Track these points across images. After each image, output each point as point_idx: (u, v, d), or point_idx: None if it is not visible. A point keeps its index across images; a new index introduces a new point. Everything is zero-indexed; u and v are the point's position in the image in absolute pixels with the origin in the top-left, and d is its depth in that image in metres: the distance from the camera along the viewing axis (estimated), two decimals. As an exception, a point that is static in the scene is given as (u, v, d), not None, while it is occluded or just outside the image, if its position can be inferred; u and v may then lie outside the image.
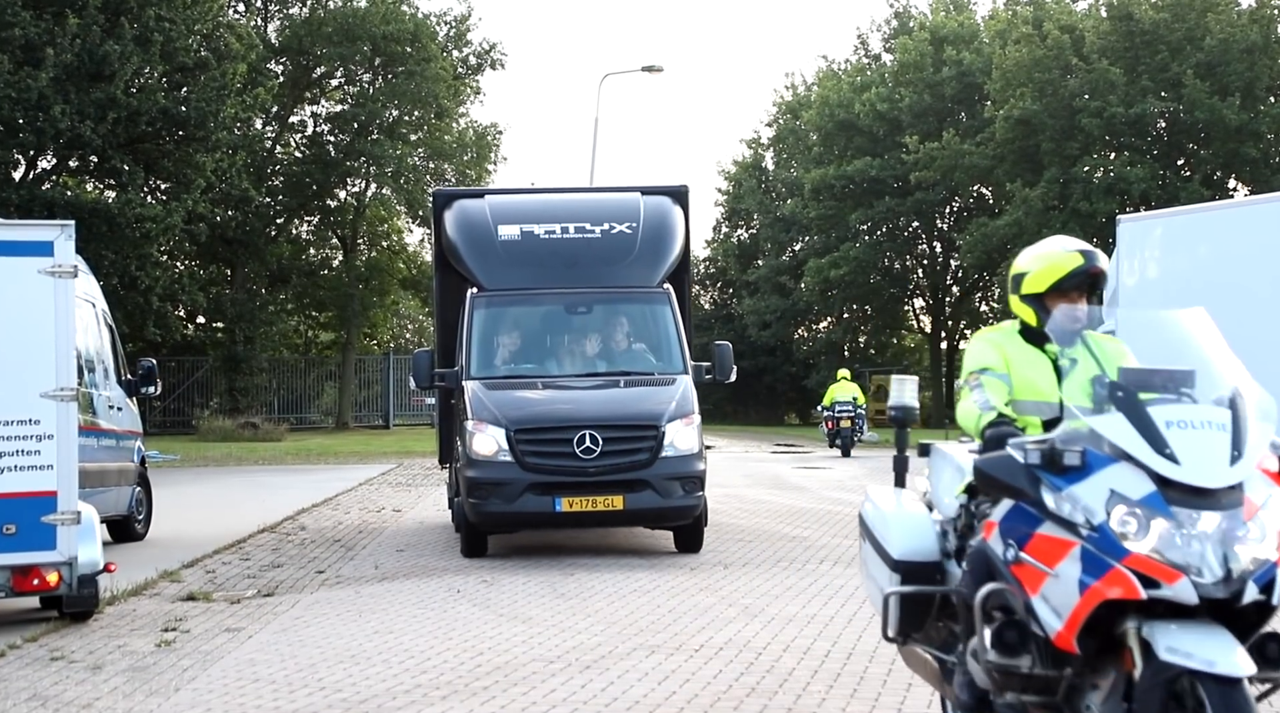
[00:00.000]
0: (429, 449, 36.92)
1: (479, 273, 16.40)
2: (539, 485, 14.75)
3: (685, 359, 15.96)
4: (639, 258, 16.45)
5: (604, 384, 15.62)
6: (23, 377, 11.41)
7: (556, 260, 16.37)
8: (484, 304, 16.17)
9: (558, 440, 14.78)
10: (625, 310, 16.43)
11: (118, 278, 36.12)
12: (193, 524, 19.59)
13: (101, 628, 11.72)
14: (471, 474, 14.92)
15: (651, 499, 14.82)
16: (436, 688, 9.17)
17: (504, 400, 15.16)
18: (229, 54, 40.13)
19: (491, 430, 14.86)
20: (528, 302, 16.43)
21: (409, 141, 50.22)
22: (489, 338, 16.01)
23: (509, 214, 16.87)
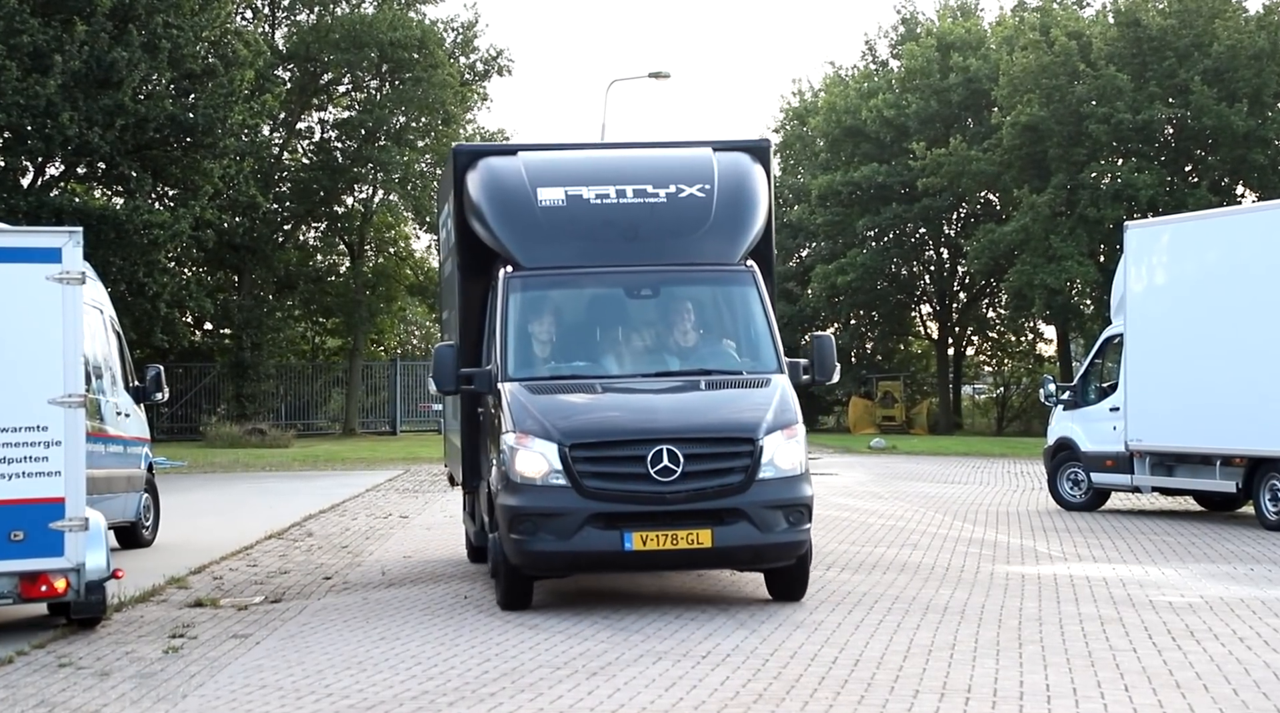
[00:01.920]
0: (436, 455, 36.93)
1: (514, 247, 13.23)
2: (603, 517, 11.75)
3: (780, 355, 12.93)
4: (715, 228, 13.28)
5: (679, 386, 12.60)
6: (31, 383, 11.43)
7: (612, 231, 13.19)
8: (522, 286, 13.03)
9: (627, 459, 11.81)
10: (700, 294, 13.42)
11: (125, 284, 36.16)
12: (200, 531, 19.60)
13: (109, 635, 11.73)
14: (513, 502, 11.87)
15: (747, 534, 11.86)
16: (443, 694, 9.17)
17: (554, 407, 12.14)
18: (236, 61, 40.17)
19: (539, 446, 11.85)
20: (577, 282, 13.30)
21: (416, 148, 50.24)
22: (530, 329, 12.92)
23: (550, 174, 13.60)
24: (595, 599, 12.89)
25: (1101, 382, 21.76)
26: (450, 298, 15.32)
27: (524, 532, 11.85)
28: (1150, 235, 20.77)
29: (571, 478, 11.80)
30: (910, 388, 56.10)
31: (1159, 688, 9.08)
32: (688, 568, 12.75)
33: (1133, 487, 20.67)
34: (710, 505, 11.83)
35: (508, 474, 12.01)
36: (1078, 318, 47.64)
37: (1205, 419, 19.11)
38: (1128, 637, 10.82)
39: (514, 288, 13.02)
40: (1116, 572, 14.60)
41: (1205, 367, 19.07)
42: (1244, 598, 12.65)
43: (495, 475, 12.36)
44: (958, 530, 18.70)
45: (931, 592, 13.01)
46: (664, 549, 11.79)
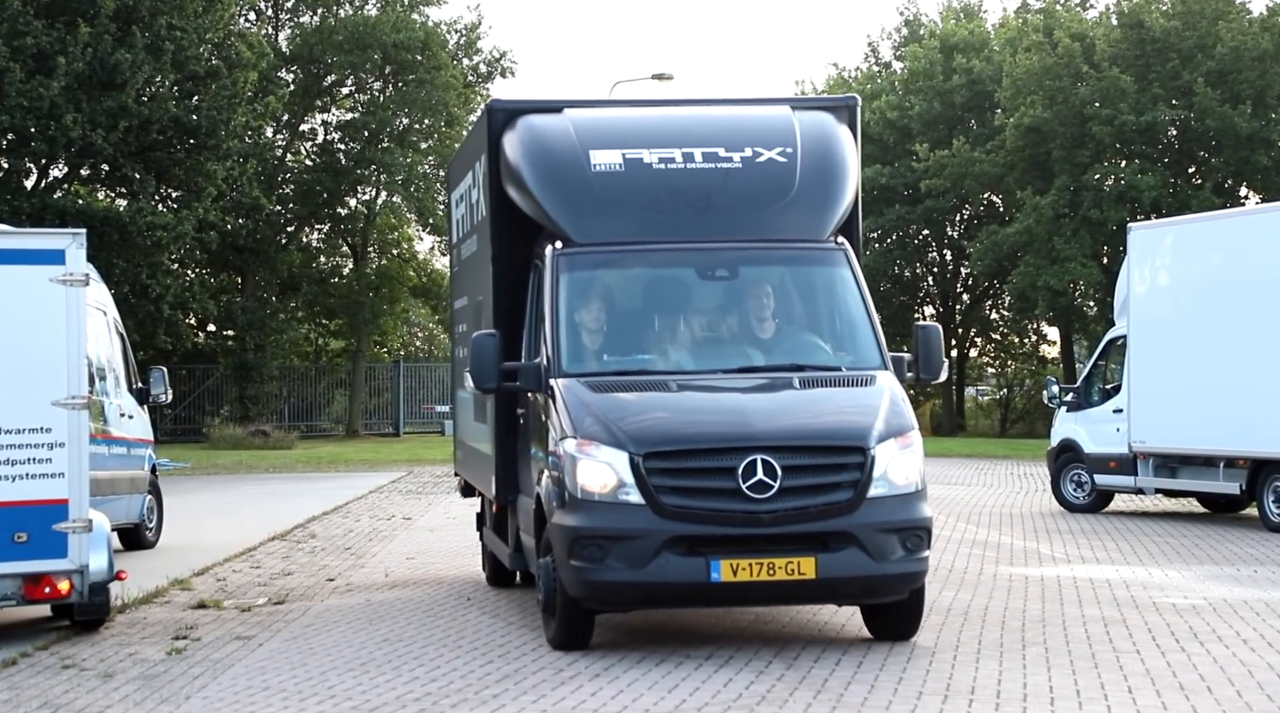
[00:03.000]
0: (439, 457, 36.94)
1: (564, 220, 11.31)
2: (684, 541, 9.91)
3: (883, 348, 11.13)
4: (800, 199, 11.39)
5: (769, 384, 10.76)
6: (34, 385, 11.43)
7: (679, 201, 11.31)
8: (574, 265, 11.16)
9: (713, 470, 9.96)
10: (785, 275, 11.52)
11: (129, 286, 36.16)
12: (203, 532, 19.61)
13: (112, 636, 11.74)
14: (574, 522, 10.03)
15: (857, 562, 10.04)
16: (446, 696, 9.18)
17: (622, 408, 10.31)
18: (240, 62, 40.19)
19: (606, 454, 10.01)
20: (639, 261, 11.42)
21: (419, 149, 50.25)
22: (584, 315, 11.07)
23: (605, 134, 11.72)
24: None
25: (1105, 383, 21.75)
26: (474, 282, 13.43)
27: (587, 558, 9.97)
28: (1153, 237, 20.77)
29: (646, 493, 9.92)
30: (913, 389, 56.12)
31: (1163, 690, 9.08)
32: (785, 603, 10.97)
33: (1136, 488, 20.66)
34: (814, 528, 10.01)
35: (566, 488, 10.12)
36: (1081, 320, 47.61)
37: (1209, 421, 19.10)
38: (1131, 639, 10.82)
39: (565, 267, 11.09)
40: (1120, 573, 14.59)
41: (1209, 368, 19.06)
42: (1248, 600, 12.64)
43: (547, 489, 10.46)
44: (961, 532, 18.70)
45: (935, 593, 13.01)
46: (758, 581, 9.90)
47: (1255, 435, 18.45)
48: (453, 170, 15.76)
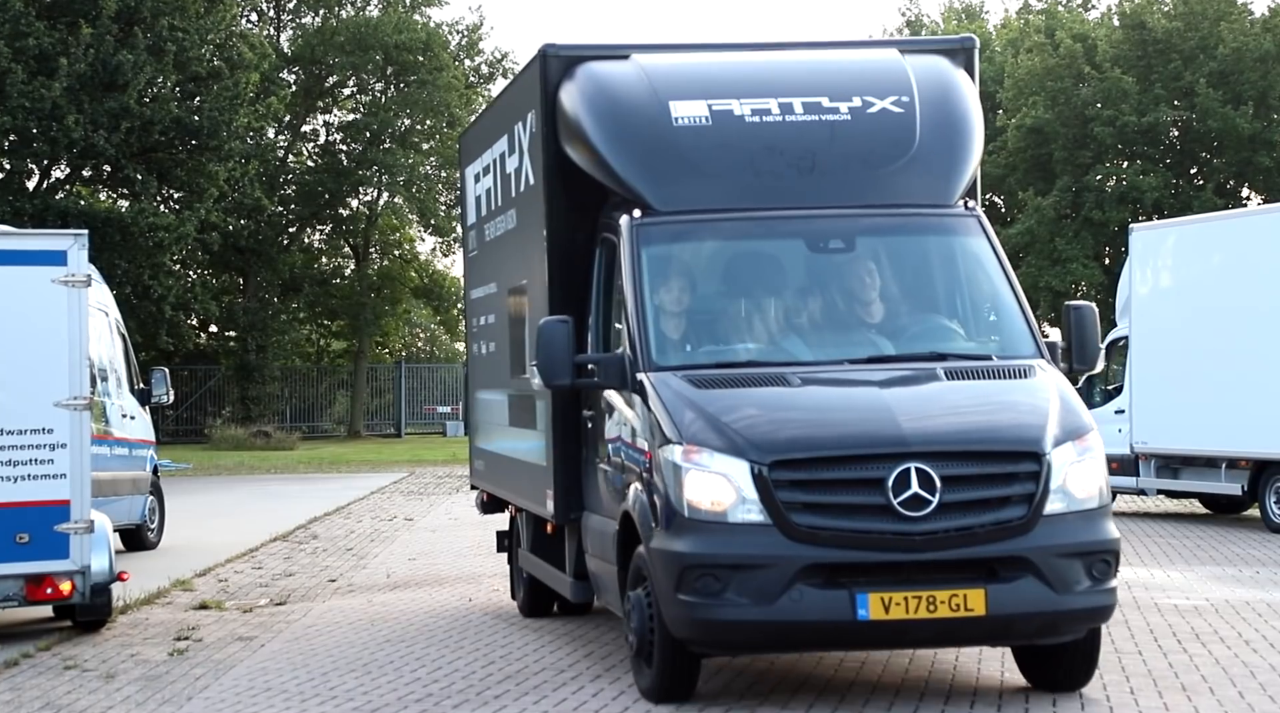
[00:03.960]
0: (441, 458, 36.97)
1: (643, 184, 9.56)
2: (823, 570, 8.19)
3: (1035, 332, 9.48)
4: (922, 156, 9.67)
5: (909, 376, 9.00)
6: (36, 386, 11.45)
7: (779, 160, 9.58)
8: (659, 237, 9.41)
9: (857, 483, 8.24)
10: (911, 247, 9.84)
11: (131, 287, 36.18)
12: (205, 533, 19.61)
13: (114, 637, 11.74)
14: (683, 547, 8.29)
15: (1034, 594, 8.26)
16: (448, 697, 9.18)
17: (737, 407, 8.60)
18: (242, 63, 40.22)
19: (721, 464, 8.28)
20: (736, 232, 9.64)
21: (421, 150, 50.27)
22: (673, 297, 9.39)
23: (688, 82, 9.97)
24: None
25: (1106, 384, 21.72)
26: (509, 264, 11.69)
27: (701, 592, 8.20)
28: (1155, 238, 20.76)
29: (774, 512, 8.17)
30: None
31: (1165, 691, 9.07)
32: (947, 644, 9.25)
33: (1138, 489, 20.64)
34: (981, 553, 8.22)
35: (671, 506, 8.36)
36: (1083, 320, 47.56)
37: (1211, 422, 19.09)
38: (1133, 639, 10.81)
39: (646, 240, 9.35)
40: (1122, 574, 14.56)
41: (1210, 369, 19.04)
42: (1250, 601, 12.63)
43: (640, 506, 8.68)
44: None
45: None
46: (916, 619, 8.12)
47: (1257, 436, 18.44)
48: (472, 140, 13.58)
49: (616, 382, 9.19)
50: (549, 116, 10.23)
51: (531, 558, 11.74)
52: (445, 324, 57.15)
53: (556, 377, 9.23)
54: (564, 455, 10.18)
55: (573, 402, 10.03)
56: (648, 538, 8.56)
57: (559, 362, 9.18)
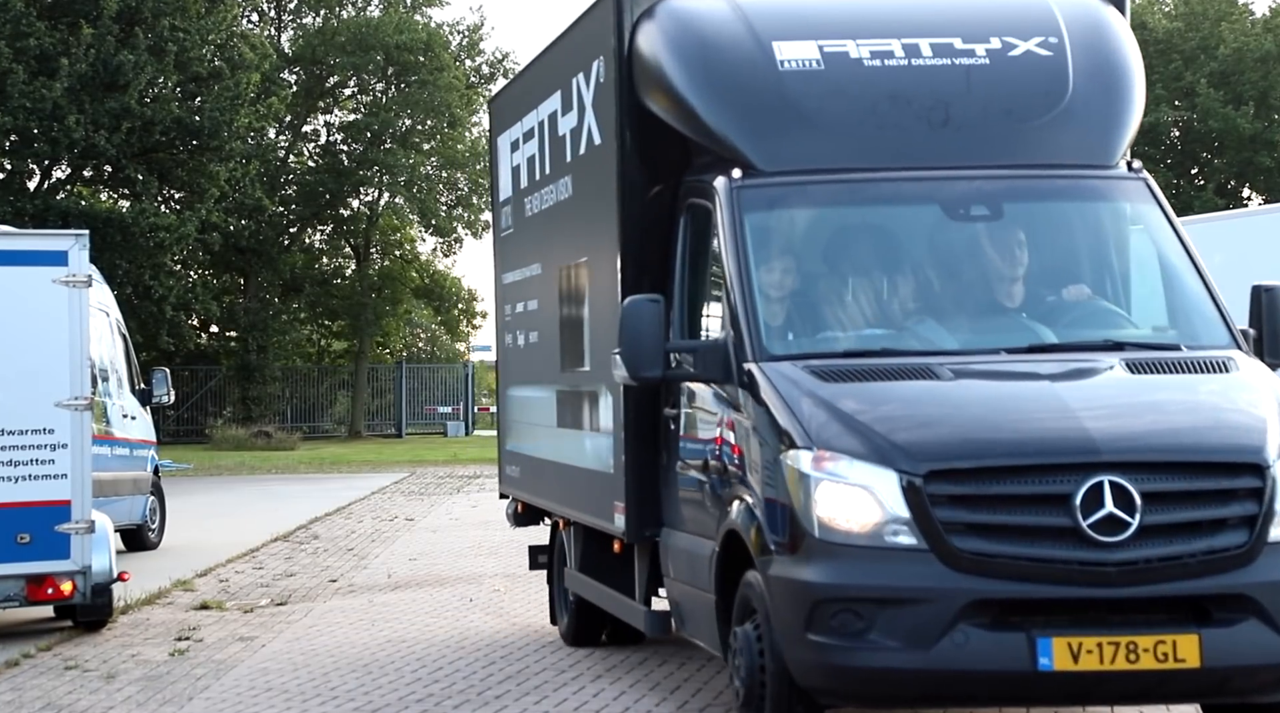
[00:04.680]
0: (441, 458, 36.98)
1: (744, 138, 8.08)
2: (994, 608, 6.58)
3: (1229, 317, 7.86)
4: (1077, 107, 8.19)
5: (1084, 369, 7.43)
6: (37, 386, 11.45)
7: (906, 112, 8.10)
8: (765, 202, 7.94)
9: (1036, 500, 6.61)
10: (1068, 215, 8.34)
11: (131, 287, 36.21)
12: (206, 533, 19.62)
13: (115, 637, 11.74)
14: (815, 576, 6.74)
15: (1259, 641, 6.61)
16: (449, 697, 9.18)
17: (880, 406, 7.07)
18: (243, 64, 40.24)
19: (862, 473, 6.72)
20: (860, 196, 8.11)
21: (422, 151, 50.28)
22: (784, 274, 7.84)
23: (792, 21, 8.49)
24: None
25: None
26: (558, 241, 10.22)
27: (838, 632, 6.64)
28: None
29: (929, 533, 6.56)
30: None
31: (1165, 691, 9.05)
32: (1150, 701, 7.37)
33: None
34: (1193, 589, 6.59)
35: (797, 525, 6.79)
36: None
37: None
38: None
39: (750, 205, 7.84)
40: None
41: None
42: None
43: (750, 524, 7.11)
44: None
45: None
46: (1113, 670, 6.49)
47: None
48: (510, 103, 11.93)
49: (718, 373, 7.59)
50: (623, 63, 8.70)
51: (582, 579, 10.11)
52: (446, 324, 57.14)
53: (646, 368, 7.64)
54: (638, 461, 8.57)
55: (649, 398, 8.44)
56: (764, 564, 6.93)
57: (649, 350, 7.62)
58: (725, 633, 7.45)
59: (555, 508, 10.63)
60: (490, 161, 12.54)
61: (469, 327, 58.52)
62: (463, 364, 56.11)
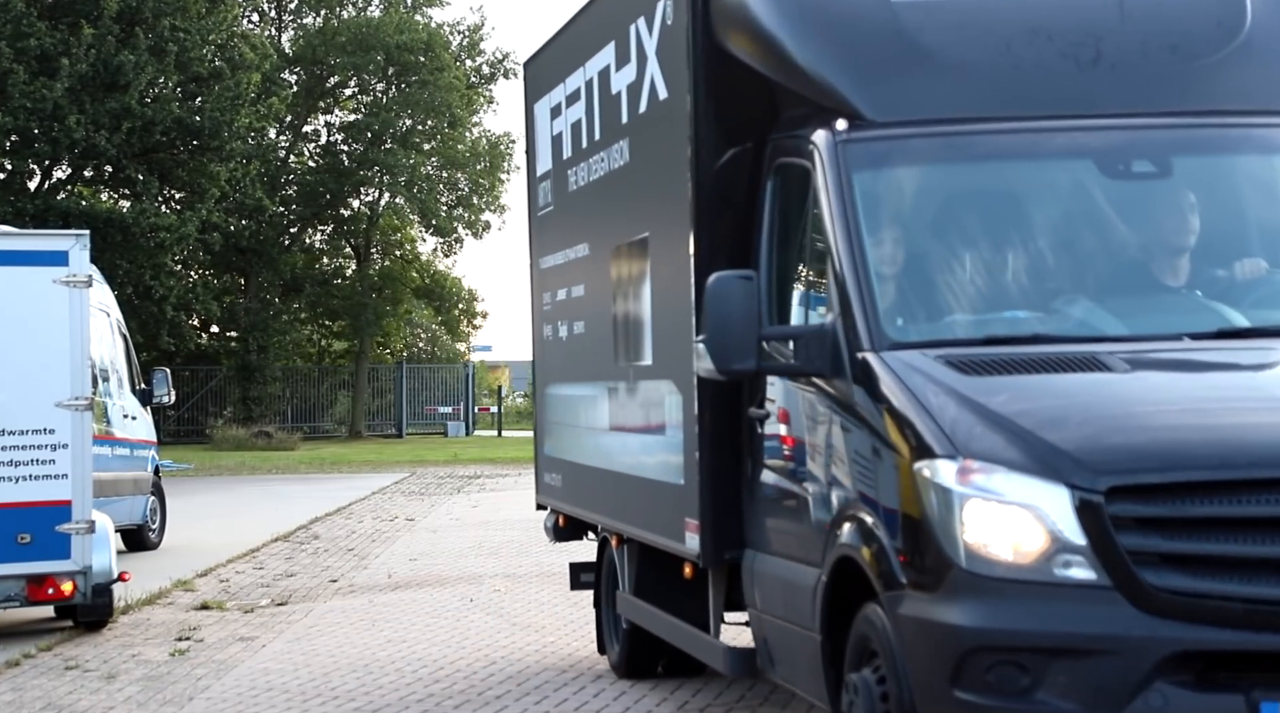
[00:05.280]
0: (441, 458, 36.99)
1: (850, 83, 6.73)
2: (1199, 662, 5.23)
3: None
4: (1257, 42, 6.85)
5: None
6: (38, 386, 11.46)
7: (1048, 48, 6.76)
8: (879, 158, 6.60)
9: (1252, 525, 5.26)
10: (1251, 172, 6.98)
11: (132, 287, 36.23)
12: (206, 533, 19.62)
13: (116, 637, 11.75)
14: (965, 619, 5.36)
15: None
16: (450, 698, 9.18)
17: (1038, 402, 5.70)
18: (243, 64, 40.26)
19: (1023, 489, 5.35)
20: (994, 149, 6.71)
21: (422, 151, 50.29)
22: (905, 244, 6.50)
23: None
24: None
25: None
26: (619, 213, 8.86)
27: (995, 689, 5.29)
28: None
29: (1114, 566, 5.22)
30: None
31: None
32: None
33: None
34: None
35: (938, 553, 5.43)
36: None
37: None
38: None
39: (860, 162, 6.46)
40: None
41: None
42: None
43: (870, 550, 5.80)
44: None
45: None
46: None
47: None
48: (550, 64, 10.50)
49: (823, 365, 6.22)
50: (701, 5, 7.37)
51: (639, 605, 8.89)
52: (446, 325, 57.16)
53: (737, 359, 6.26)
54: (716, 471, 7.28)
55: (728, 396, 7.16)
56: (893, 600, 5.60)
57: (740, 337, 6.25)
58: (833, 680, 6.12)
59: (607, 523, 9.32)
60: (526, 132, 11.12)
61: (469, 327, 58.58)
62: (463, 364, 56.14)
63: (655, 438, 8.07)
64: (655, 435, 8.08)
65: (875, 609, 5.74)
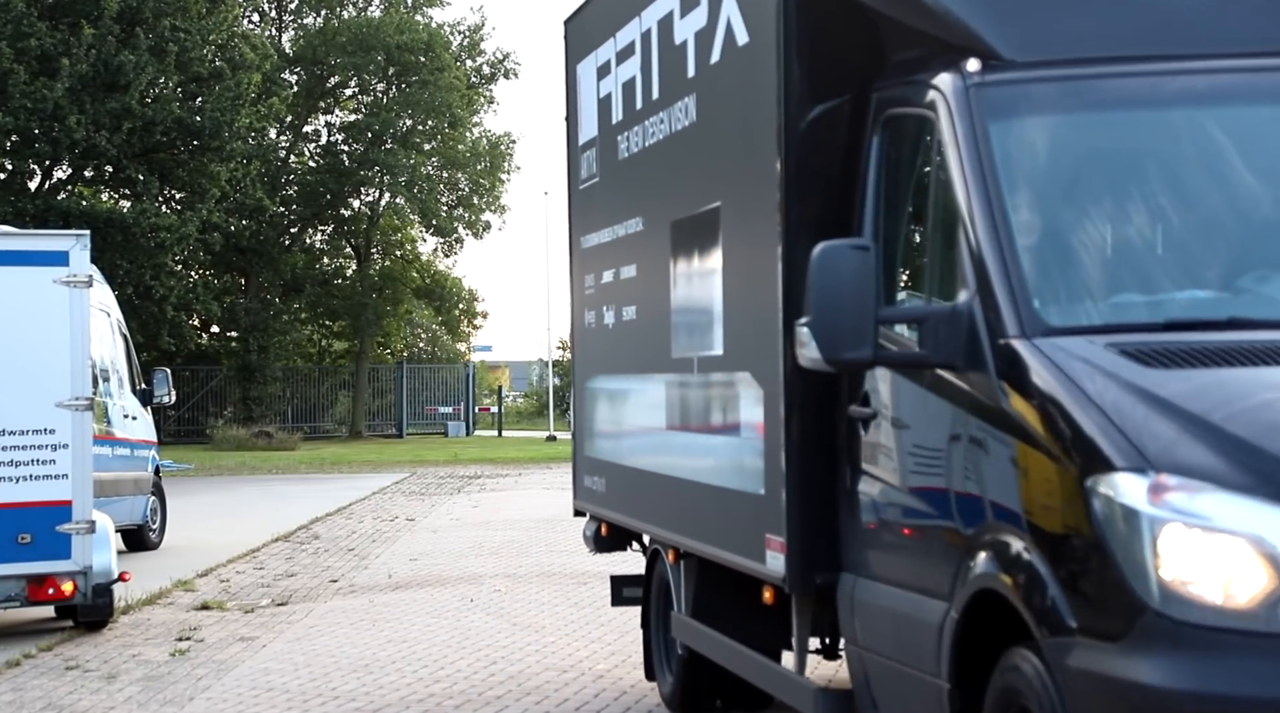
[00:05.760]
0: (441, 458, 37.00)
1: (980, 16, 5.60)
2: None
3: None
4: None
5: None
6: (38, 386, 11.46)
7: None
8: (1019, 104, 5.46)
9: None
10: None
11: (132, 287, 36.23)
12: (207, 533, 19.62)
13: (116, 637, 11.75)
14: (1166, 678, 4.14)
15: None
16: (450, 697, 9.18)
17: (1250, 403, 4.46)
18: (243, 64, 40.27)
19: (1242, 514, 4.18)
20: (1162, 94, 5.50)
21: (422, 151, 50.32)
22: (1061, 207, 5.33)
23: None
24: (601, 603, 12.89)
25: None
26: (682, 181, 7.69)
27: None
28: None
29: None
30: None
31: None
32: None
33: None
34: None
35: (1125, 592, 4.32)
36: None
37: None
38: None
39: (998, 109, 5.40)
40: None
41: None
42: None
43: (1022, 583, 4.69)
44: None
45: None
46: None
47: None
48: (597, 17, 9.31)
49: (954, 354, 5.13)
50: None
51: (700, 630, 7.68)
52: (447, 325, 57.19)
53: (849, 346, 5.17)
54: (805, 479, 6.15)
55: (819, 390, 6.03)
56: (1057, 648, 4.46)
57: (855, 320, 5.15)
58: None
59: (662, 534, 8.13)
60: (566, 97, 9.95)
61: (469, 327, 58.61)
62: (463, 364, 56.18)
63: (726, 440, 6.94)
64: (726, 436, 6.95)
65: (1028, 657, 4.62)
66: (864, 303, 5.14)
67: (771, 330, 6.22)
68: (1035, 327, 4.89)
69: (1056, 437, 4.61)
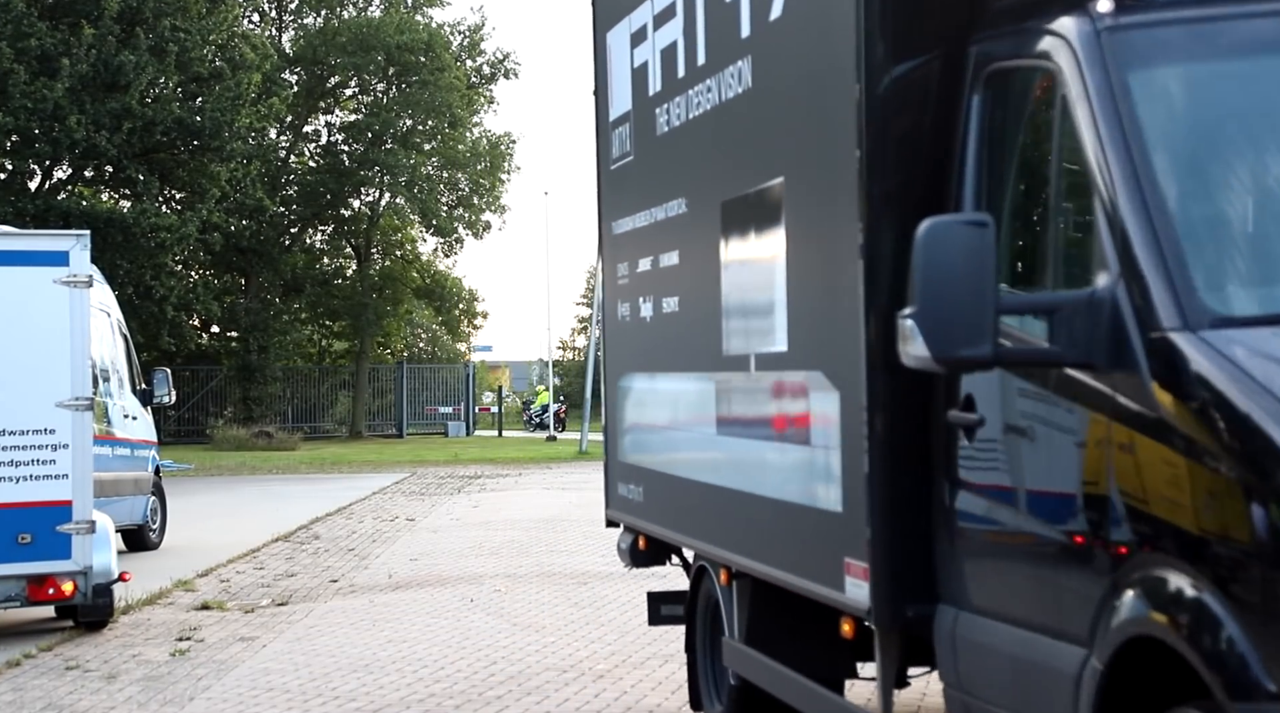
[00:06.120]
0: (442, 458, 37.00)
1: None
2: None
3: None
4: None
5: None
6: (38, 386, 11.46)
7: None
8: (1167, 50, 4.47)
9: None
10: None
11: (133, 287, 36.24)
12: (207, 533, 19.62)
13: (116, 637, 11.75)
14: None
15: None
16: (450, 697, 9.18)
17: None
18: (243, 64, 40.28)
19: None
20: None
21: (423, 151, 50.34)
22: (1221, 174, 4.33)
23: None
24: (601, 603, 12.89)
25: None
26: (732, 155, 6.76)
27: None
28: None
29: None
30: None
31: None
32: None
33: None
34: None
35: None
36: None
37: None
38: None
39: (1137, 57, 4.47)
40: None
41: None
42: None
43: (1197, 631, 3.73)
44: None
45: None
46: None
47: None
48: None
49: (1098, 351, 4.25)
50: None
51: (758, 660, 6.77)
52: (447, 325, 57.21)
53: (966, 342, 4.32)
54: (893, 496, 5.26)
55: (907, 392, 5.18)
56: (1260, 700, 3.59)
57: (972, 312, 4.31)
58: None
59: (710, 551, 7.23)
60: (595, 70, 9.11)
61: (470, 327, 58.63)
62: (463, 364, 56.20)
63: (794, 448, 6.03)
64: (794, 445, 6.03)
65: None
66: (982, 290, 4.28)
67: (850, 323, 5.34)
68: (1200, 317, 4.01)
69: (1232, 451, 3.75)
